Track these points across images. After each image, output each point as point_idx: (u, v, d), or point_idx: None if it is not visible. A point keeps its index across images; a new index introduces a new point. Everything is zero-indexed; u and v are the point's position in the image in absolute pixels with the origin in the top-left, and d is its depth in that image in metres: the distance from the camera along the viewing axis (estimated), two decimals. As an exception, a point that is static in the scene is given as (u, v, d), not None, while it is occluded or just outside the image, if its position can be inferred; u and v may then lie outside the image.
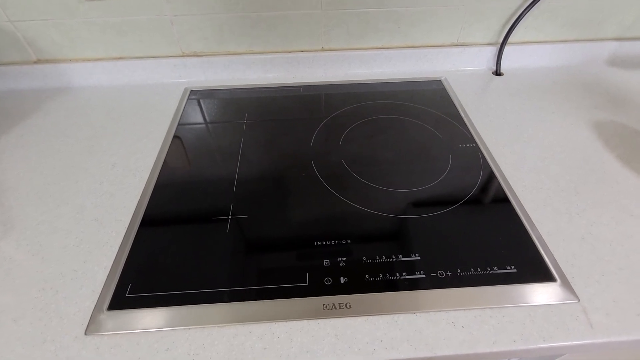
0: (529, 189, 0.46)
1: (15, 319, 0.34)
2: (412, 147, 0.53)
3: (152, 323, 0.34)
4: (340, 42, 0.66)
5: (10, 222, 0.43)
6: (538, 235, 0.40)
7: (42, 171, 0.49)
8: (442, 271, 0.37)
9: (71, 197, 0.46)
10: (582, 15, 0.65)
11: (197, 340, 0.32)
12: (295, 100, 0.63)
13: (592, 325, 0.33)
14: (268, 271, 0.37)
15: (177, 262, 0.38)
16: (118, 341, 0.32)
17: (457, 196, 0.45)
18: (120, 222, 0.43)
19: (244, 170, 0.49)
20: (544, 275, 0.37)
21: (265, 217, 0.43)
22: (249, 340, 0.32)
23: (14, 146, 0.54)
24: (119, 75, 0.66)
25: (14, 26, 0.59)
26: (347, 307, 0.35)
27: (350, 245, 0.40)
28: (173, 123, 0.58)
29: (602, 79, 0.66)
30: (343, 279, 0.37)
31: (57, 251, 0.40)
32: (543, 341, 0.32)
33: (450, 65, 0.69)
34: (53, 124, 0.58)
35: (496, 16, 0.64)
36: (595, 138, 0.54)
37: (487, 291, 0.36)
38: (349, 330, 0.33)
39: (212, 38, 0.63)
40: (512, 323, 0.33)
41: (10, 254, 0.40)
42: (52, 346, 0.32)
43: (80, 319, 0.34)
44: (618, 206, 0.44)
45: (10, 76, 0.64)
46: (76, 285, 0.37)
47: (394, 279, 0.36)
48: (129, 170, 0.49)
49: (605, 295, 0.35)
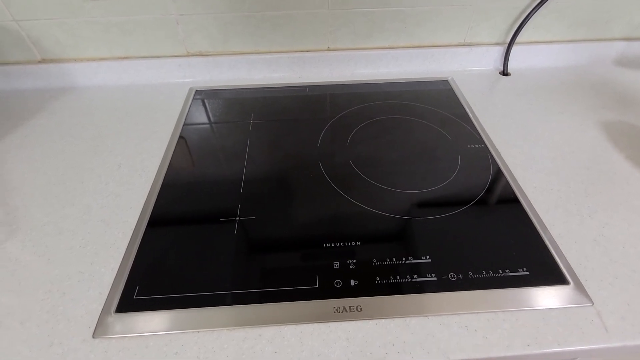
0: (539, 190, 0.45)
1: (22, 321, 0.34)
2: (421, 148, 0.52)
3: (161, 326, 0.33)
4: (346, 41, 0.65)
5: (15, 223, 0.42)
6: (550, 237, 0.40)
7: (46, 171, 0.49)
8: (454, 274, 0.37)
9: (77, 198, 0.45)
10: (589, 15, 0.64)
11: (206, 344, 0.32)
12: (301, 100, 0.63)
13: (607, 329, 0.33)
14: (277, 273, 0.37)
15: (185, 264, 0.38)
16: (126, 344, 0.32)
17: (467, 197, 0.45)
18: (127, 223, 0.42)
19: (251, 170, 0.49)
20: (556, 278, 0.36)
21: (273, 218, 0.42)
22: (259, 344, 0.32)
23: (18, 146, 0.53)
24: (124, 75, 0.65)
25: (19, 25, 0.59)
26: (357, 310, 0.34)
27: (359, 247, 0.39)
28: (178, 123, 0.57)
29: (610, 79, 0.66)
30: (353, 281, 0.36)
31: (64, 252, 0.39)
32: (557, 345, 0.32)
33: (457, 65, 0.69)
34: (57, 124, 0.57)
35: (503, 16, 0.64)
36: (604, 138, 0.53)
37: (499, 294, 0.35)
38: (360, 334, 0.33)
39: (218, 37, 0.63)
40: (526, 327, 0.33)
41: (16, 255, 0.39)
42: (59, 349, 0.32)
43: (88, 321, 0.34)
44: (629, 207, 0.43)
45: (15, 76, 0.63)
46: (83, 287, 0.36)
47: (405, 282, 0.36)
48: (134, 171, 0.49)
49: (619, 299, 0.35)
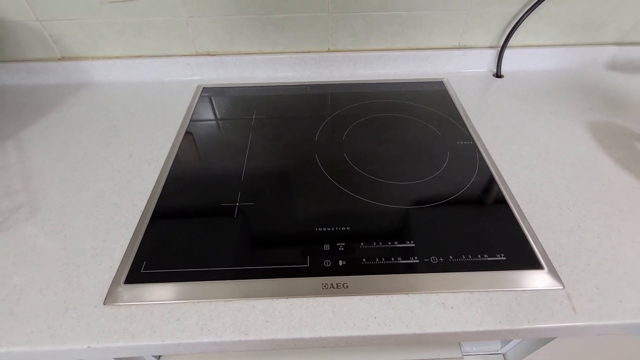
0: (522, 184, 0.48)
1: (41, 289, 0.37)
2: (412, 143, 0.55)
3: (165, 296, 0.37)
4: (346, 43, 0.69)
5: (36, 204, 0.46)
6: (528, 227, 0.42)
7: (64, 159, 0.53)
8: (435, 257, 0.39)
9: (91, 183, 0.49)
10: (581, 20, 0.67)
11: (205, 313, 0.35)
12: (301, 98, 0.66)
13: (575, 310, 0.35)
14: (271, 253, 0.40)
15: (188, 243, 0.41)
16: (133, 311, 0.36)
17: (453, 189, 0.47)
18: (136, 206, 0.46)
19: (252, 162, 0.52)
20: (531, 263, 0.39)
21: (271, 204, 0.46)
22: (252, 314, 0.35)
23: (39, 137, 0.58)
24: (137, 73, 0.70)
25: (42, 25, 0.63)
26: (344, 287, 0.37)
27: (349, 232, 0.42)
28: (186, 117, 0.61)
29: (601, 83, 0.68)
30: (341, 261, 0.39)
31: (79, 231, 0.43)
32: (527, 323, 0.34)
33: (452, 67, 0.72)
34: (75, 117, 0.62)
35: (496, 20, 0.66)
36: (590, 138, 0.55)
37: (476, 276, 0.38)
38: (345, 308, 0.36)
39: (225, 38, 0.67)
40: (499, 305, 0.35)
41: (36, 232, 0.43)
42: (74, 314, 0.35)
43: (100, 290, 0.37)
44: (608, 202, 0.45)
45: (37, 72, 0.68)
46: (96, 261, 0.40)
47: (389, 263, 0.39)
48: (144, 160, 0.53)
49: (589, 283, 0.37)
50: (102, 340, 0.33)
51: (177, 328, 0.34)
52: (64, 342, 0.33)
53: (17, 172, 0.51)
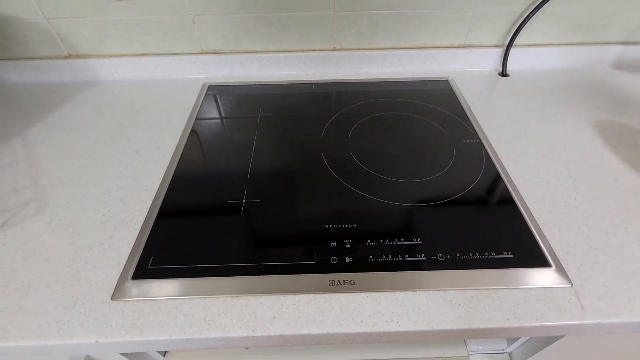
0: (528, 182, 0.48)
1: (49, 284, 0.38)
2: (418, 142, 0.55)
3: (172, 291, 0.37)
4: (351, 42, 0.69)
5: (44, 200, 0.47)
6: (535, 225, 0.42)
7: (71, 156, 0.53)
8: (442, 254, 0.39)
9: (98, 180, 0.49)
10: (586, 20, 0.67)
11: (212, 308, 0.35)
12: (307, 97, 0.66)
13: (583, 307, 0.35)
14: (278, 250, 0.40)
15: (195, 239, 0.42)
16: (141, 306, 0.36)
17: (459, 187, 0.47)
18: (143, 202, 0.46)
19: (258, 160, 0.53)
20: (539, 261, 0.39)
21: (277, 202, 0.46)
22: (259, 310, 0.35)
23: (46, 134, 0.58)
24: (143, 71, 0.70)
25: (49, 23, 0.64)
26: (351, 283, 0.37)
27: (356, 229, 0.42)
28: (192, 115, 0.62)
29: (607, 82, 0.68)
30: (348, 258, 0.39)
31: (86, 227, 0.43)
32: (535, 320, 0.34)
33: (457, 66, 0.72)
34: (81, 114, 0.62)
35: (502, 19, 0.66)
36: (596, 137, 0.55)
37: (484, 274, 0.38)
38: (352, 304, 0.36)
39: (230, 37, 0.67)
40: (507, 303, 0.35)
41: (44, 228, 0.43)
42: (82, 308, 0.36)
43: (107, 286, 0.37)
44: (615, 201, 0.45)
45: (44, 70, 0.68)
46: (103, 257, 0.40)
47: (396, 260, 0.39)
48: (150, 157, 0.53)
49: (598, 281, 0.37)
50: (110, 335, 0.34)
51: (184, 323, 0.34)
52: (72, 337, 0.33)
53: (24, 168, 0.51)
